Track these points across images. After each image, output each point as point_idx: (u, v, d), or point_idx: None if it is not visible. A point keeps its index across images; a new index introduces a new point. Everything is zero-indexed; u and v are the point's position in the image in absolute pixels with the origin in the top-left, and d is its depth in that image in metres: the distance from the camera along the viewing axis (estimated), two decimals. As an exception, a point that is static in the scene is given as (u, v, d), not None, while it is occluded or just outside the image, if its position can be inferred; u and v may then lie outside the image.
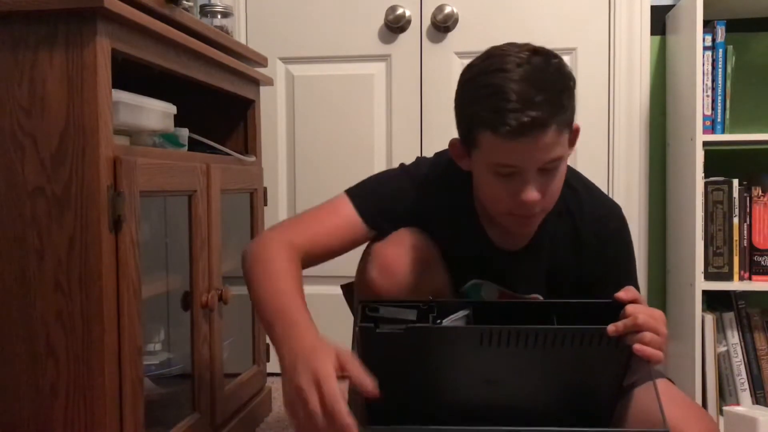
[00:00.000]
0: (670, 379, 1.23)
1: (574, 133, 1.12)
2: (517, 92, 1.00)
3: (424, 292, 1.15)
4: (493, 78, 1.03)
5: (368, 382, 0.90)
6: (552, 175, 1.07)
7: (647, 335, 0.99)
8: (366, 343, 1.02)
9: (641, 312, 1.00)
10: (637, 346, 0.98)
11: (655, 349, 0.99)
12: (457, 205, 1.21)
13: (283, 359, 0.96)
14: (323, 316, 2.31)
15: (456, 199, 1.21)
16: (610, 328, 0.99)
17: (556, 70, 1.05)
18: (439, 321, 1.08)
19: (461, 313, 1.10)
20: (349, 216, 1.20)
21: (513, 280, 1.25)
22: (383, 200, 1.22)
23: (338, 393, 0.88)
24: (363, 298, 1.18)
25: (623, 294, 1.04)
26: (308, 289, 2.26)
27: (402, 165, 1.29)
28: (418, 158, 1.30)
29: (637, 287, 1.25)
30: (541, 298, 1.26)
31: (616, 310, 1.03)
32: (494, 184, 1.09)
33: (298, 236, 1.17)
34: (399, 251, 1.17)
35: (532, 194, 1.05)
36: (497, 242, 1.23)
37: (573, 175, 1.22)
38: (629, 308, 1.01)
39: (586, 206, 1.22)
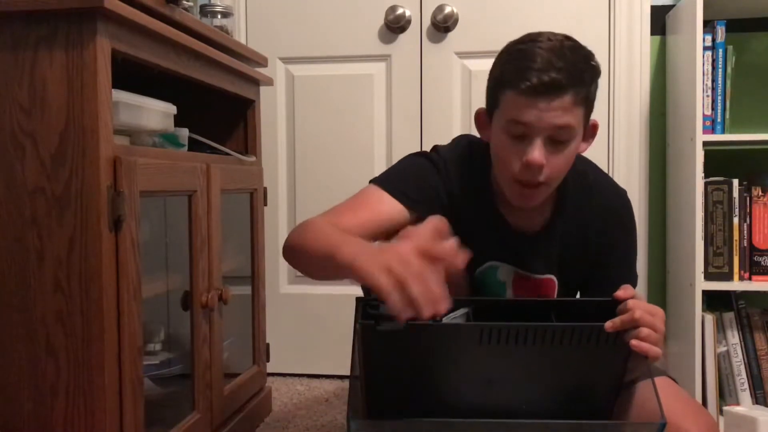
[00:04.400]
0: (672, 378, 1.24)
1: (592, 128, 1.20)
2: (543, 57, 1.10)
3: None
4: (523, 45, 1.14)
5: (451, 251, 0.91)
6: (560, 148, 1.13)
7: (644, 331, 0.99)
8: (366, 341, 1.02)
9: (639, 307, 1.01)
10: (634, 342, 0.99)
11: (652, 344, 0.99)
12: (476, 187, 1.24)
13: (359, 263, 0.92)
14: (323, 315, 2.31)
15: (476, 181, 1.25)
16: (608, 324, 0.99)
17: (584, 55, 1.14)
18: (438, 318, 1.08)
19: (461, 311, 1.10)
20: (391, 204, 1.20)
21: (530, 262, 1.29)
22: (420, 187, 1.23)
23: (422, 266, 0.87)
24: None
25: (621, 293, 1.05)
26: (310, 289, 2.28)
27: (421, 152, 1.32)
28: (435, 146, 1.33)
29: (636, 273, 1.34)
30: (554, 278, 1.31)
31: (616, 308, 1.04)
32: (506, 145, 1.15)
33: (343, 221, 1.15)
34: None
35: (537, 155, 1.11)
36: (515, 225, 1.27)
37: (584, 162, 1.30)
38: (629, 303, 1.02)
39: (597, 191, 1.30)
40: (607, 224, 1.29)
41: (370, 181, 1.26)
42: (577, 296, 1.40)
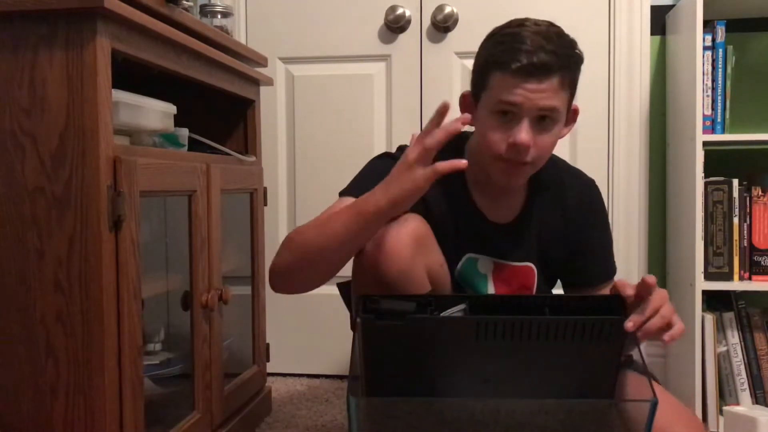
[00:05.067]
0: (656, 380, 1.25)
1: (573, 113, 1.23)
2: (531, 40, 1.15)
3: (420, 269, 1.18)
4: (512, 29, 1.19)
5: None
6: (545, 129, 1.17)
7: (659, 320, 1.03)
8: (366, 335, 1.03)
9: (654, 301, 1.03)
10: (666, 337, 1.03)
11: (668, 326, 1.03)
12: (449, 181, 1.22)
13: (394, 193, 1.07)
14: (323, 315, 2.31)
15: (448, 176, 1.23)
16: (629, 324, 1.01)
17: (569, 41, 1.20)
18: (437, 314, 1.09)
19: (458, 308, 1.11)
20: None
21: (507, 252, 1.32)
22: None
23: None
24: (361, 285, 1.19)
25: (629, 291, 1.06)
26: (308, 289, 2.26)
27: (385, 153, 1.35)
28: (400, 146, 1.34)
29: (612, 254, 1.42)
30: (533, 266, 1.34)
31: (608, 302, 1.06)
32: (494, 125, 1.18)
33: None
34: (394, 230, 1.18)
35: (525, 135, 1.15)
36: (489, 215, 1.30)
37: (555, 156, 1.34)
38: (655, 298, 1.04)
39: (568, 178, 1.36)
40: (584, 208, 1.35)
41: (339, 194, 1.27)
42: (558, 284, 1.43)
